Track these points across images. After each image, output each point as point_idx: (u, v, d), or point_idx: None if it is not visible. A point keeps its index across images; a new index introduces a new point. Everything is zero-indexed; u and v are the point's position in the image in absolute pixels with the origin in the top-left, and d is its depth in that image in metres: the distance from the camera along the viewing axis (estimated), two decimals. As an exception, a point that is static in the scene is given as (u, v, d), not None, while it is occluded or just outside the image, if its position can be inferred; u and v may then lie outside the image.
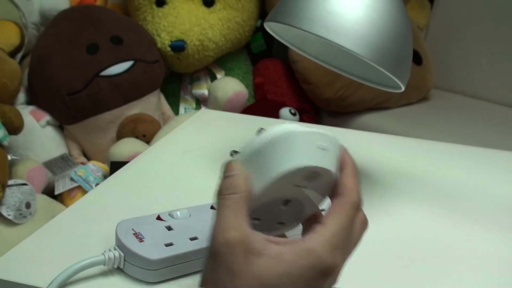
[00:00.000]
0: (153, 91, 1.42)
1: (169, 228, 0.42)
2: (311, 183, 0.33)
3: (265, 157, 0.32)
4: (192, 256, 0.40)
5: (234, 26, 1.53)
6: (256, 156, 0.33)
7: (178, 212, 0.44)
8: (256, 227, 0.31)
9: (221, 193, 0.32)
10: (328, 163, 0.33)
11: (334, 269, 0.30)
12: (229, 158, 0.63)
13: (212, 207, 0.45)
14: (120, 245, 0.40)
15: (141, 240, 0.40)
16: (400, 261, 0.45)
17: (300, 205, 0.35)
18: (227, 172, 0.33)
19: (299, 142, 0.32)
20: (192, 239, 0.41)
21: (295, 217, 0.36)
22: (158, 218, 0.43)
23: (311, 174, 0.33)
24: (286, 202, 0.35)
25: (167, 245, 0.40)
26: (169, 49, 1.44)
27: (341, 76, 0.56)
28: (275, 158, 0.32)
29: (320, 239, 0.30)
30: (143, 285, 0.39)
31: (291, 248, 0.30)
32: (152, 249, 0.40)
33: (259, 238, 0.30)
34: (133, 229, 0.41)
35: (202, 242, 0.41)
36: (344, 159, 0.35)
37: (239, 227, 0.30)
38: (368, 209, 0.52)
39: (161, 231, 0.42)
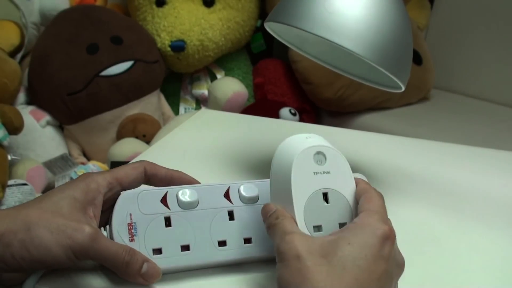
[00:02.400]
0: (153, 91, 1.42)
1: (167, 222, 0.40)
2: (324, 167, 0.38)
3: (278, 168, 0.39)
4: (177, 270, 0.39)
5: (234, 26, 1.53)
6: (273, 178, 0.39)
7: (187, 197, 0.41)
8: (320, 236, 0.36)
9: (271, 218, 0.38)
10: (323, 143, 0.39)
11: (390, 235, 0.35)
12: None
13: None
14: (109, 237, 0.39)
15: (132, 238, 0.39)
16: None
17: (340, 197, 0.39)
18: (267, 213, 0.38)
19: (290, 142, 0.39)
20: (184, 248, 0.40)
21: (349, 213, 0.39)
22: (164, 200, 0.41)
23: (318, 157, 0.38)
24: (325, 196, 0.38)
25: (155, 251, 0.39)
26: (169, 49, 1.44)
27: (341, 76, 0.56)
28: (284, 163, 0.38)
29: (369, 215, 0.36)
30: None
31: (350, 231, 0.35)
32: None
33: (320, 240, 0.35)
34: (130, 216, 0.39)
35: (194, 254, 0.40)
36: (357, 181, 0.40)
37: (299, 233, 0.35)
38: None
39: (157, 225, 0.40)
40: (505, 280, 0.45)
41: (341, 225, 0.38)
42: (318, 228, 0.37)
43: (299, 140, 0.39)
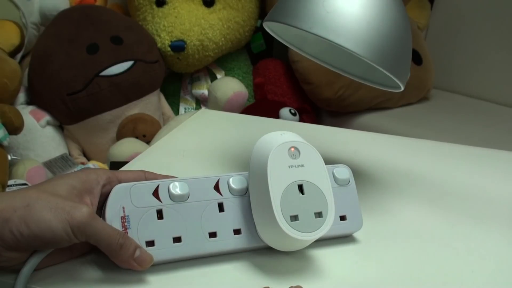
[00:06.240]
0: (153, 91, 1.42)
1: (159, 214, 0.41)
2: (299, 160, 0.41)
3: (256, 164, 0.41)
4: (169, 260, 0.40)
5: (234, 26, 1.53)
6: (252, 172, 0.42)
7: (178, 190, 0.42)
8: (297, 226, 0.39)
9: None
10: (297, 138, 0.42)
11: None
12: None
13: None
14: None
15: (125, 230, 0.39)
16: (399, 261, 0.45)
17: (315, 188, 0.41)
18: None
19: (266, 139, 0.42)
20: (176, 240, 0.41)
21: (324, 203, 0.41)
22: (155, 193, 0.41)
23: (292, 152, 0.41)
24: (300, 188, 0.40)
25: (148, 243, 0.40)
26: (169, 49, 1.44)
27: (341, 76, 0.56)
28: (260, 158, 0.41)
29: None
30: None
31: None
32: None
33: None
34: (123, 209, 0.40)
35: (185, 246, 0.41)
36: None
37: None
38: (368, 209, 0.52)
39: (150, 218, 0.40)
40: (505, 281, 0.45)
41: (317, 214, 0.40)
42: (295, 217, 0.40)
43: (274, 137, 0.42)
